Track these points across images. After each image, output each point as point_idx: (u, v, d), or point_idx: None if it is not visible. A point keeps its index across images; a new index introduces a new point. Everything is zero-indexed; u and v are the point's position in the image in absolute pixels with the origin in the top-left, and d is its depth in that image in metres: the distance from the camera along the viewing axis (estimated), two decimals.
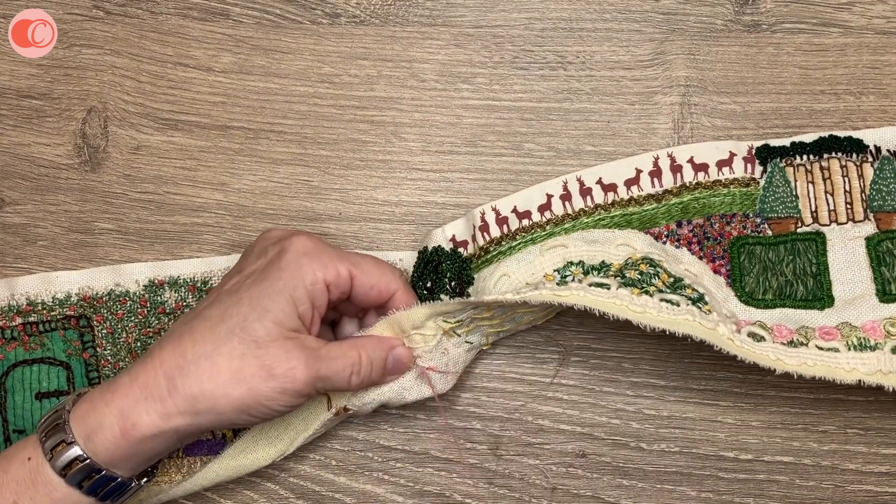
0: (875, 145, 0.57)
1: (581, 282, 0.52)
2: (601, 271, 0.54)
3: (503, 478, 0.58)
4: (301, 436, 0.54)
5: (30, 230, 0.59)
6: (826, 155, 0.57)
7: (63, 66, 0.60)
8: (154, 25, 0.60)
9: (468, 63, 0.59)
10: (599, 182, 0.57)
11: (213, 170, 0.59)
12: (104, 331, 0.58)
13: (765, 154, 0.57)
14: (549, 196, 0.57)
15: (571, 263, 0.54)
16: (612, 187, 0.57)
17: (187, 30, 0.60)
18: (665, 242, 0.56)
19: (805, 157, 0.57)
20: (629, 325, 0.50)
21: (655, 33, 0.59)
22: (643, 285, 0.52)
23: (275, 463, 0.55)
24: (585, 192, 0.57)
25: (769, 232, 0.57)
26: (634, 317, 0.50)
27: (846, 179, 0.57)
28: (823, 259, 0.56)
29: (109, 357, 0.58)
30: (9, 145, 0.60)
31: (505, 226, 0.56)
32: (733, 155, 0.57)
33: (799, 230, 0.57)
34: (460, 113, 0.59)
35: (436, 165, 0.59)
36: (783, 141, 0.57)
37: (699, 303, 0.52)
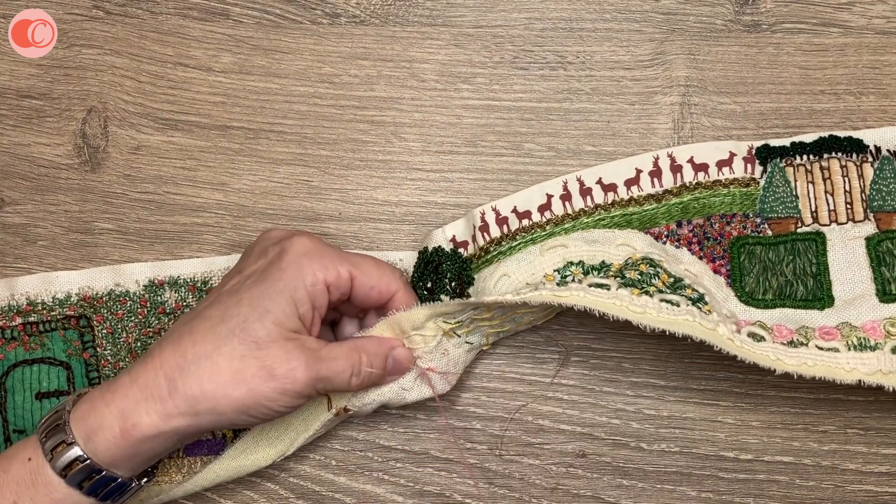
0: (875, 145, 0.57)
1: (581, 282, 0.52)
2: (601, 271, 0.54)
3: (503, 478, 0.58)
4: (301, 436, 0.54)
5: (30, 230, 0.59)
6: (826, 155, 0.57)
7: (63, 66, 0.60)
8: (154, 25, 0.60)
9: (468, 63, 0.59)
10: (599, 182, 0.57)
11: (213, 170, 0.59)
12: (104, 331, 0.58)
13: (765, 154, 0.57)
14: (549, 196, 0.57)
15: (571, 263, 0.54)
16: (612, 187, 0.57)
17: (187, 30, 0.60)
18: (665, 242, 0.56)
19: (805, 157, 0.57)
20: (629, 325, 0.50)
21: (655, 33, 0.59)
22: (643, 285, 0.52)
23: (275, 463, 0.55)
24: (585, 192, 0.57)
25: (769, 232, 0.57)
26: (634, 317, 0.50)
27: (846, 179, 0.57)
28: (823, 259, 0.56)
29: (109, 357, 0.57)
30: (9, 145, 0.60)
31: (505, 226, 0.56)
32: (733, 155, 0.57)
33: (799, 230, 0.56)
34: (460, 113, 0.59)
35: (436, 165, 0.59)
36: (783, 141, 0.57)
37: (699, 303, 0.52)
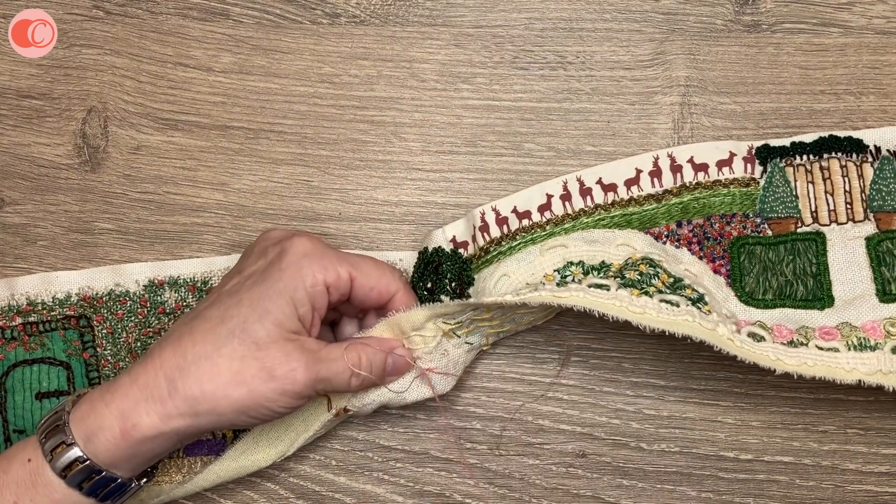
0: (875, 145, 0.57)
1: (581, 282, 0.52)
2: (601, 271, 0.54)
3: (503, 478, 0.58)
4: (301, 437, 0.54)
5: (30, 230, 0.59)
6: (826, 155, 0.57)
7: (63, 66, 0.60)
8: (154, 25, 0.60)
9: (468, 63, 0.59)
10: (599, 182, 0.57)
11: (213, 170, 0.59)
12: (104, 331, 0.58)
13: (765, 154, 0.57)
14: (549, 196, 0.57)
15: (571, 263, 0.54)
16: (612, 187, 0.57)
17: (187, 30, 0.60)
18: (665, 242, 0.56)
19: (805, 157, 0.57)
20: (629, 326, 0.50)
21: (655, 33, 0.59)
22: (643, 286, 0.52)
23: (275, 463, 0.55)
24: (585, 192, 0.57)
25: (769, 232, 0.56)
26: (634, 318, 0.50)
27: (846, 179, 0.57)
28: (823, 259, 0.56)
29: (109, 357, 0.58)
30: (9, 145, 0.60)
31: (505, 226, 0.56)
32: (733, 155, 0.57)
33: (799, 230, 0.56)
34: (460, 113, 0.59)
35: (436, 165, 0.59)
36: (783, 141, 0.57)
37: (699, 303, 0.52)
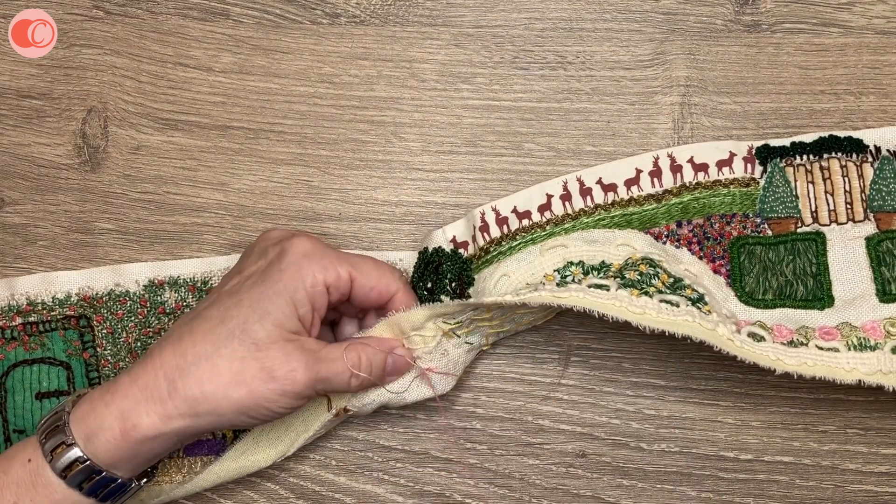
0: (875, 145, 0.57)
1: (581, 282, 0.52)
2: (601, 271, 0.54)
3: (503, 478, 0.58)
4: (301, 437, 0.54)
5: (30, 230, 0.59)
6: (826, 155, 0.57)
7: (63, 66, 0.60)
8: (154, 25, 0.60)
9: (468, 63, 0.59)
10: (599, 182, 0.57)
11: (213, 170, 0.59)
12: (104, 331, 0.58)
13: (765, 154, 0.57)
14: (549, 196, 0.57)
15: (571, 263, 0.54)
16: (612, 187, 0.57)
17: (187, 30, 0.60)
18: (665, 242, 0.56)
19: (805, 157, 0.57)
20: (629, 326, 0.50)
21: (655, 33, 0.59)
22: (643, 286, 0.52)
23: (275, 463, 0.55)
24: (585, 192, 0.57)
25: (769, 232, 0.56)
26: (634, 318, 0.50)
27: (846, 179, 0.57)
28: (823, 259, 0.56)
29: (109, 357, 0.58)
30: (9, 145, 0.60)
31: (505, 226, 0.56)
32: (733, 155, 0.57)
33: (799, 230, 0.56)
34: (460, 113, 0.59)
35: (436, 165, 0.59)
36: (783, 141, 0.57)
37: (699, 303, 0.52)
